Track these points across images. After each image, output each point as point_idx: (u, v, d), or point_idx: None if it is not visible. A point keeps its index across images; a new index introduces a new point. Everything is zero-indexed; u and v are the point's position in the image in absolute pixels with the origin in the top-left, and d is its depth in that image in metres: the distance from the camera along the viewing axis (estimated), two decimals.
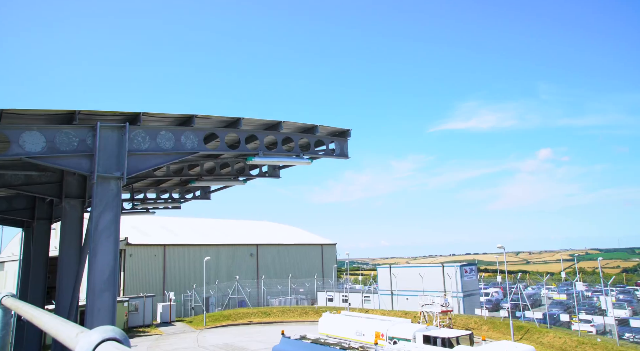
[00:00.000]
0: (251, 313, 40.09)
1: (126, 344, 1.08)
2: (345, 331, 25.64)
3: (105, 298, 8.55)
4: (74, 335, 1.27)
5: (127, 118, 9.71)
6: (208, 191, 19.32)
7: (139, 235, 45.12)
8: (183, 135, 10.31)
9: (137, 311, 36.29)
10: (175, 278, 45.31)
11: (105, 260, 8.59)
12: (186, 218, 58.16)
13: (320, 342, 19.29)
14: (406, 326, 23.61)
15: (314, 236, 66.10)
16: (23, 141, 8.40)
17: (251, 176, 16.36)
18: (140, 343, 30.11)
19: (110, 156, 8.96)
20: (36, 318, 1.84)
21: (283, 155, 13.04)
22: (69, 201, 12.20)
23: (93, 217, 8.65)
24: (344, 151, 14.25)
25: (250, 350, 27.33)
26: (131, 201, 18.43)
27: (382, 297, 41.10)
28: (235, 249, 51.90)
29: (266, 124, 12.34)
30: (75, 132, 8.87)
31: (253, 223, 67.14)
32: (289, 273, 50.02)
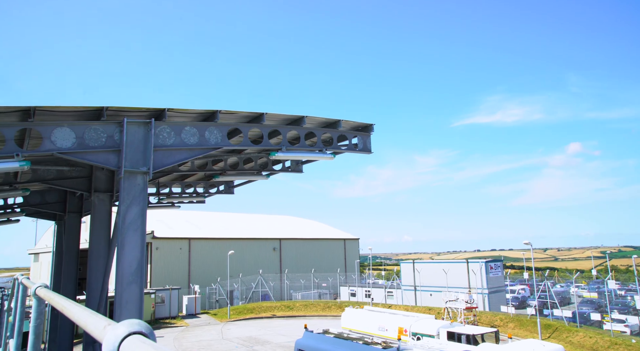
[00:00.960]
0: (274, 307, 40.48)
1: (152, 338, 1.08)
2: (368, 326, 25.61)
3: (132, 289, 8.76)
4: (102, 327, 1.28)
5: (152, 114, 9.88)
6: (232, 186, 19.53)
7: (165, 229, 46.08)
8: (207, 130, 10.42)
9: (164, 303, 37.13)
10: (200, 271, 46.14)
11: (133, 253, 8.79)
12: (210, 213, 59.04)
13: (343, 337, 19.31)
14: (430, 322, 23.40)
15: (337, 231, 66.14)
16: (55, 137, 8.65)
17: (274, 171, 16.44)
18: (167, 334, 30.82)
19: (136, 151, 9.14)
20: (67, 309, 1.88)
21: (306, 150, 13.04)
22: (98, 195, 12.53)
23: (121, 211, 8.85)
24: (367, 146, 14.15)
25: (273, 343, 27.62)
26: (157, 195, 18.80)
27: (405, 293, 40.86)
28: (258, 243, 52.44)
29: (289, 119, 12.35)
30: (104, 128, 9.08)
31: (276, 218, 67.64)
32: (312, 267, 50.24)
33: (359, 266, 60.30)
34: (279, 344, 27.18)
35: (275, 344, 27.25)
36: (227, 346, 26.78)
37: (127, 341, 1.05)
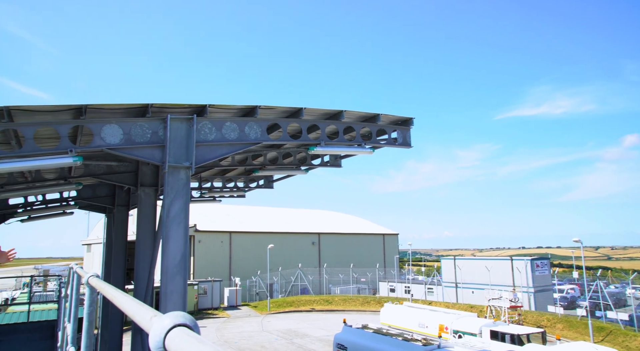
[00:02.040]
0: (313, 301, 40.81)
1: (196, 331, 1.08)
2: (407, 322, 25.34)
3: (177, 281, 9.03)
4: (149, 318, 1.30)
5: (194, 110, 10.11)
6: (271, 180, 19.75)
7: (207, 222, 47.36)
8: (247, 126, 10.55)
9: (206, 294, 38.26)
10: (240, 264, 47.16)
11: (177, 246, 9.06)
12: (250, 207, 60.14)
13: (382, 332, 19.19)
14: (472, 320, 22.85)
15: (376, 226, 65.72)
16: (104, 134, 9.02)
17: (313, 166, 16.47)
18: (209, 324, 31.74)
19: (179, 147, 9.39)
20: (116, 299, 1.93)
21: (344, 144, 12.96)
22: (144, 189, 13.00)
23: (165, 205, 9.13)
24: (407, 140, 13.89)
25: (312, 336, 27.87)
26: (199, 189, 19.30)
27: (446, 289, 40.09)
28: (297, 237, 52.94)
29: (327, 113, 12.31)
30: (148, 125, 9.39)
31: (315, 212, 68.01)
32: (351, 262, 50.21)
33: (398, 261, 59.69)
34: (317, 338, 27.40)
35: (314, 337, 27.48)
36: (267, 338, 27.27)
37: (172, 333, 1.06)
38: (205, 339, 0.99)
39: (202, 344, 0.96)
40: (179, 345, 1.00)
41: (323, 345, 25.39)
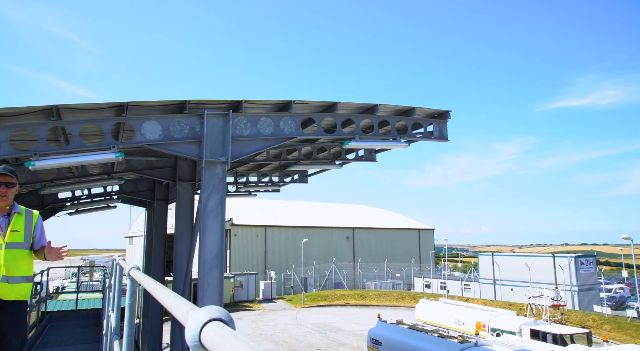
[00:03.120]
0: (347, 295, 40.86)
1: (231, 326, 1.08)
2: (443, 318, 24.95)
3: (214, 273, 9.24)
4: (185, 311, 1.32)
5: (230, 106, 10.26)
6: (305, 175, 19.84)
7: (242, 216, 48.20)
8: (281, 120, 10.62)
9: (242, 287, 39.03)
10: (275, 257, 47.78)
11: (213, 239, 9.26)
12: (285, 201, 60.71)
13: (417, 328, 18.98)
14: (511, 318, 22.23)
15: (411, 220, 64.94)
16: (144, 130, 9.31)
17: (347, 160, 16.41)
18: (245, 316, 32.39)
19: (215, 142, 9.57)
20: (154, 291, 1.97)
21: (379, 138, 12.82)
22: (182, 184, 13.34)
23: (202, 199, 9.34)
24: (443, 134, 13.59)
25: (346, 331, 27.93)
26: (235, 184, 19.63)
27: (484, 286, 39.17)
28: (331, 232, 53.06)
29: (362, 107, 12.21)
30: (186, 121, 9.61)
31: (349, 207, 67.90)
32: (385, 257, 49.88)
33: (434, 257, 58.79)
34: (351, 332, 27.43)
35: (348, 332, 27.53)
36: (301, 331, 27.55)
37: (207, 328, 1.06)
38: (239, 334, 0.99)
39: (236, 339, 0.95)
40: (214, 340, 1.00)
41: (357, 339, 25.40)
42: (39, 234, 4.26)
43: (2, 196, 4.05)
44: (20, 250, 4.05)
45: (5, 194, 4.07)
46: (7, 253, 3.95)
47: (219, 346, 0.96)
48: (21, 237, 4.07)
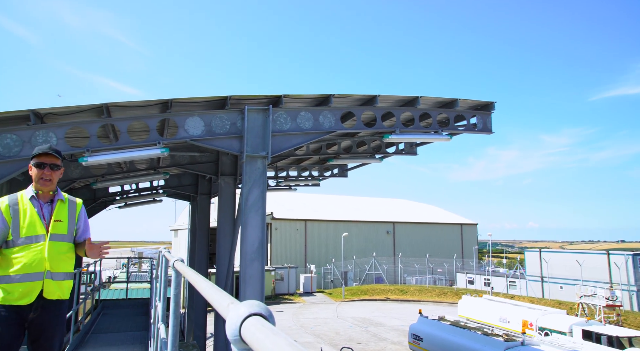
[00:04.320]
0: (388, 290, 40.57)
1: (271, 321, 1.06)
2: (487, 316, 24.27)
3: (255, 266, 9.40)
4: (225, 305, 1.32)
5: (270, 101, 10.35)
6: (345, 169, 19.78)
7: (283, 210, 48.77)
8: (321, 115, 10.60)
9: (283, 280, 39.57)
10: (315, 251, 48.10)
11: (255, 233, 9.41)
12: (325, 195, 60.88)
13: (460, 325, 18.56)
14: (560, 317, 21.30)
15: (453, 215, 63.51)
16: (187, 126, 9.57)
17: (387, 154, 16.21)
18: (286, 309, 32.85)
19: (256, 137, 9.69)
20: (197, 284, 2.00)
21: (420, 131, 12.57)
22: (224, 178, 13.64)
23: (243, 193, 9.51)
24: (487, 126, 13.15)
25: (387, 326, 27.76)
26: (275, 178, 19.87)
27: (530, 283, 37.76)
28: (371, 226, 52.77)
29: (402, 100, 11.99)
30: (227, 116, 9.79)
31: (389, 201, 67.25)
32: (426, 252, 49.09)
33: (477, 252, 57.26)
34: (392, 327, 27.23)
35: (388, 327, 27.36)
36: (341, 325, 27.63)
37: (247, 322, 1.05)
38: (279, 330, 0.97)
39: (276, 335, 0.93)
40: (254, 335, 0.99)
41: (397, 334, 25.19)
42: (82, 226, 3.80)
43: (46, 180, 3.56)
44: (64, 243, 3.61)
45: (50, 178, 3.58)
46: (51, 245, 3.49)
47: (259, 342, 0.95)
48: (65, 228, 3.62)
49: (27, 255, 3.40)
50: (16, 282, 3.35)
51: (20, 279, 3.36)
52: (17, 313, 3.36)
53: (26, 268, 3.38)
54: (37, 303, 3.43)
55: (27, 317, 3.43)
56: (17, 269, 3.35)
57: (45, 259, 3.45)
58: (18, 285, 3.35)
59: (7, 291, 3.35)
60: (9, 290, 3.34)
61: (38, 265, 3.42)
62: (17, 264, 3.36)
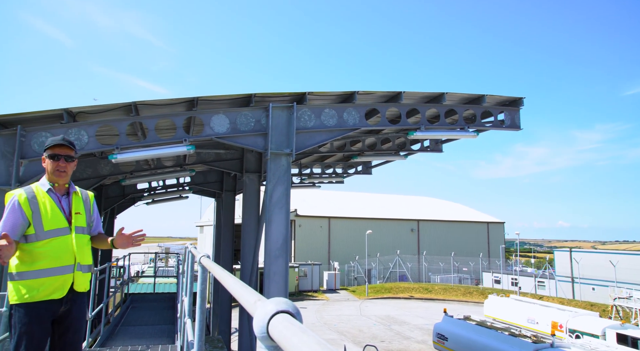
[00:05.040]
0: (412, 288, 40.22)
1: (298, 319, 1.05)
2: (514, 316, 23.77)
3: (279, 263, 9.46)
4: (253, 302, 1.31)
5: (294, 98, 10.37)
6: (369, 166, 19.68)
7: (307, 207, 48.92)
8: (345, 112, 10.56)
9: (306, 277, 39.72)
10: (339, 248, 48.08)
11: (279, 229, 9.46)
12: (349, 192, 60.75)
13: (486, 325, 18.23)
14: (593, 319, 20.65)
15: (479, 213, 62.39)
16: (213, 124, 9.68)
17: (412, 151, 16.03)
18: (309, 306, 32.98)
19: (280, 134, 9.73)
20: (223, 280, 2.01)
21: (446, 128, 12.37)
22: (249, 175, 13.76)
23: (267, 190, 9.57)
24: (516, 122, 12.83)
25: (411, 324, 27.53)
26: (299, 175, 19.93)
27: (560, 284, 36.76)
28: (396, 224, 52.37)
29: (428, 96, 11.83)
30: (252, 114, 9.85)
31: (414, 199, 66.58)
32: (452, 250, 48.41)
33: (504, 251, 56.11)
34: (416, 326, 26.99)
35: (412, 325, 27.12)
36: (365, 323, 27.56)
37: (275, 320, 1.04)
38: (307, 328, 0.95)
39: (304, 333, 0.92)
40: (282, 333, 0.98)
41: (422, 333, 24.95)
42: (96, 219, 3.75)
43: (62, 171, 3.50)
44: (85, 235, 3.60)
45: (65, 170, 3.51)
46: (77, 238, 3.49)
47: (287, 340, 0.94)
48: (84, 221, 3.58)
49: (56, 249, 3.35)
50: (48, 276, 3.30)
51: (52, 273, 3.31)
52: (46, 309, 3.30)
53: (57, 261, 3.34)
54: (68, 296, 3.41)
55: (57, 311, 3.39)
56: (47, 263, 3.31)
57: (74, 252, 3.44)
58: (51, 279, 3.31)
59: (34, 287, 3.27)
60: (38, 285, 3.27)
61: (69, 258, 3.41)
62: (47, 258, 3.31)
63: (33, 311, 3.25)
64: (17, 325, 3.22)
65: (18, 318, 3.23)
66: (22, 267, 3.27)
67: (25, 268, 3.27)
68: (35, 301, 3.27)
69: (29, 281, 3.26)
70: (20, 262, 3.28)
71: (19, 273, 3.26)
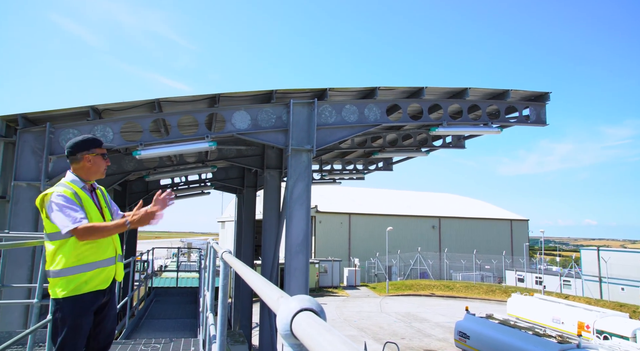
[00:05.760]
0: (433, 285, 39.85)
1: (322, 317, 1.03)
2: (538, 316, 23.27)
3: (300, 259, 9.49)
4: (275, 299, 1.30)
5: (315, 94, 10.35)
6: (390, 163, 19.53)
7: (327, 204, 48.92)
8: (366, 108, 10.49)
9: (326, 273, 39.77)
10: (359, 245, 47.96)
11: (299, 225, 9.49)
12: (369, 189, 60.48)
13: (509, 324, 17.92)
14: (622, 321, 20.05)
15: (502, 210, 61.30)
16: (234, 120, 9.75)
17: (434, 147, 15.84)
18: (330, 302, 33.03)
19: (301, 130, 9.74)
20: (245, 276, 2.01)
21: (469, 124, 12.17)
22: (269, 171, 13.83)
23: (288, 186, 9.59)
24: (541, 117, 12.53)
25: (432, 322, 27.29)
26: (320, 172, 19.93)
27: (587, 283, 35.84)
28: (416, 221, 51.92)
29: (450, 92, 11.64)
30: (273, 110, 9.89)
31: (435, 195, 65.85)
32: (474, 248, 47.72)
33: (528, 249, 55.01)
34: (437, 323, 26.74)
35: (433, 323, 26.89)
36: (385, 320, 27.45)
37: (298, 318, 1.02)
38: (332, 327, 0.93)
39: (329, 333, 0.90)
40: (305, 331, 0.96)
41: (443, 331, 24.71)
42: (115, 211, 3.87)
43: (105, 169, 3.72)
44: None
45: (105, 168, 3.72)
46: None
47: (312, 339, 0.92)
48: (109, 214, 3.73)
49: (100, 241, 3.45)
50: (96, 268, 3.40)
51: (99, 266, 3.42)
52: (91, 301, 3.39)
53: (103, 253, 3.47)
54: (110, 287, 3.56)
55: (100, 302, 3.48)
56: (95, 256, 3.42)
57: (115, 243, 3.60)
58: (98, 271, 3.41)
59: (83, 280, 3.35)
60: (87, 278, 3.36)
61: (111, 250, 3.55)
62: (93, 251, 3.41)
63: (81, 303, 3.33)
64: (66, 318, 3.28)
65: (68, 311, 3.29)
66: (70, 261, 3.33)
67: (74, 262, 3.34)
68: (84, 292, 3.35)
69: (78, 275, 3.33)
70: (67, 256, 3.33)
71: (67, 267, 3.32)
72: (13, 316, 7.94)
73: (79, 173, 3.58)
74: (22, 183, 8.49)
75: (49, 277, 3.38)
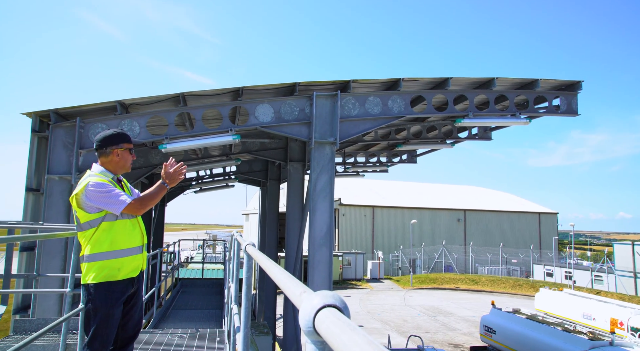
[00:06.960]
0: (458, 279, 39.38)
1: (346, 313, 1.00)
2: (568, 311, 22.70)
3: (323, 251, 9.49)
4: (298, 293, 1.28)
5: (338, 86, 10.27)
6: (414, 155, 19.29)
7: (350, 196, 48.82)
8: (390, 99, 10.35)
9: (350, 265, 39.80)
10: (382, 238, 47.75)
11: (323, 218, 9.48)
12: (393, 182, 60.02)
13: (536, 319, 17.54)
14: None
15: (530, 203, 59.89)
16: (257, 113, 9.78)
17: (459, 139, 15.54)
18: (353, 294, 33.07)
19: (324, 123, 9.69)
20: (268, 269, 2.00)
21: (495, 115, 11.86)
22: (293, 164, 13.85)
23: (311, 179, 9.58)
24: (572, 107, 12.10)
25: (457, 316, 27.00)
26: (343, 164, 19.85)
27: (620, 279, 34.71)
28: (441, 213, 51.28)
29: (476, 82, 11.37)
30: (296, 103, 9.86)
31: (461, 188, 64.84)
32: (500, 241, 46.84)
33: (557, 243, 53.63)
34: (462, 317, 26.44)
35: (458, 317, 26.60)
36: (409, 313, 27.31)
37: (321, 314, 0.99)
38: (356, 325, 0.90)
39: (353, 331, 0.87)
40: (329, 328, 0.93)
41: (468, 325, 24.42)
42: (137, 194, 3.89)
43: (131, 163, 3.82)
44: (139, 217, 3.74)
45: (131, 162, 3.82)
46: (139, 220, 3.70)
47: (335, 337, 0.89)
48: None
49: (130, 230, 3.52)
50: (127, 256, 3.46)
51: (129, 253, 3.48)
52: (122, 290, 3.44)
53: (132, 242, 3.53)
54: (138, 275, 3.62)
55: (129, 291, 3.54)
56: (126, 244, 3.47)
57: (142, 233, 3.66)
58: (128, 259, 3.47)
59: (116, 266, 3.41)
60: (119, 265, 3.42)
61: (139, 239, 3.61)
62: (124, 239, 3.47)
63: (113, 293, 3.39)
64: (99, 308, 3.33)
65: (100, 302, 3.34)
66: (104, 246, 3.39)
67: (108, 247, 3.40)
68: (117, 279, 3.41)
69: (112, 260, 3.39)
70: (102, 242, 3.40)
71: (101, 252, 3.39)
72: (49, 304, 8.24)
73: (107, 167, 3.64)
74: (54, 177, 8.75)
75: (83, 262, 3.45)
